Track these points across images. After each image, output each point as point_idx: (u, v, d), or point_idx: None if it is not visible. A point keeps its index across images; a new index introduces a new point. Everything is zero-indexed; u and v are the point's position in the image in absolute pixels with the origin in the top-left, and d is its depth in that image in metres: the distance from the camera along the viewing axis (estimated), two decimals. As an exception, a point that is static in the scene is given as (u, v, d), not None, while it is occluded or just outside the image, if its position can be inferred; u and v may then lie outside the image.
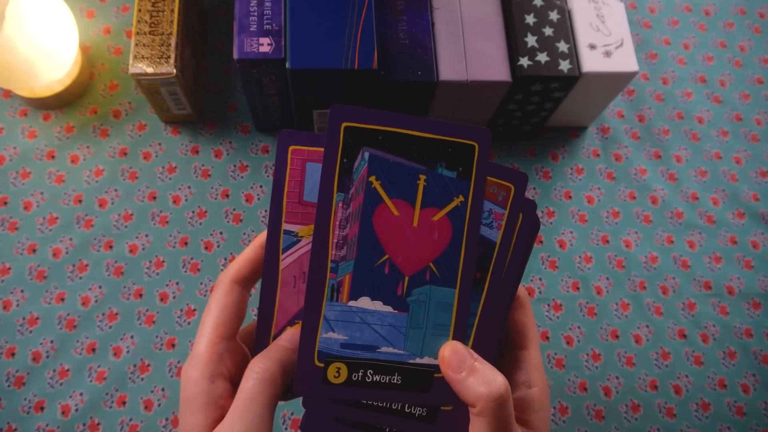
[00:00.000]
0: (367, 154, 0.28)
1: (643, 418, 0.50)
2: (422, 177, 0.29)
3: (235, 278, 0.29)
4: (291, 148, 0.29)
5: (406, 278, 0.29)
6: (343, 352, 0.28)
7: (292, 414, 0.47)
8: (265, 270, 0.29)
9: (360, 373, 0.28)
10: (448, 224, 0.29)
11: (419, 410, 0.30)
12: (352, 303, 0.29)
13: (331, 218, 0.29)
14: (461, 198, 0.29)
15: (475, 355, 0.28)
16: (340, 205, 0.29)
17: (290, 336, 0.29)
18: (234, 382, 0.28)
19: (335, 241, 0.29)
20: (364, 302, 0.29)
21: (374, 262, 0.29)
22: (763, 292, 0.54)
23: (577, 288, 0.53)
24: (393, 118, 0.28)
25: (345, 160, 0.28)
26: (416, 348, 0.29)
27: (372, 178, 0.29)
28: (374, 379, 0.28)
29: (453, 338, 0.29)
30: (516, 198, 0.30)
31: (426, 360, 0.29)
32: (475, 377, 0.27)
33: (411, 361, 0.29)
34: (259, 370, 0.27)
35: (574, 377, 0.50)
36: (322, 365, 0.28)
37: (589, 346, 0.51)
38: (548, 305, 0.52)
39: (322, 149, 0.28)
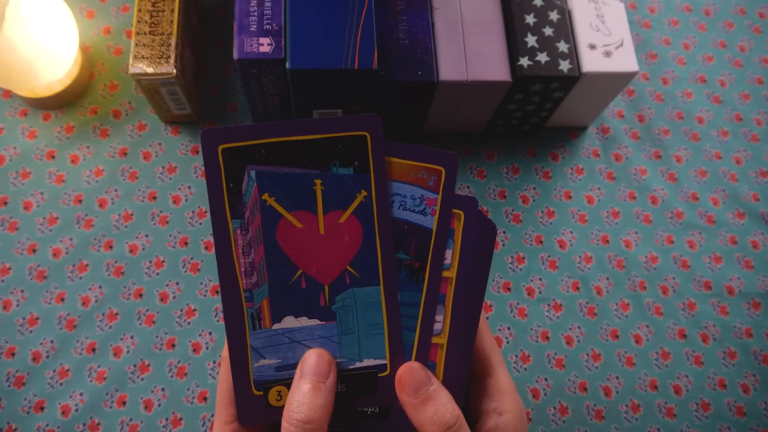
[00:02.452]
0: (253, 173, 0.27)
1: (643, 418, 0.50)
2: (317, 182, 0.27)
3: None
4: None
5: (326, 287, 0.28)
6: (279, 375, 0.28)
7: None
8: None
9: None
10: (356, 223, 0.28)
11: (371, 408, 0.29)
12: (276, 326, 0.28)
13: (232, 248, 0.27)
14: (364, 193, 0.27)
15: (433, 380, 0.27)
16: (238, 232, 0.27)
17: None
18: None
19: (242, 270, 0.27)
20: (289, 321, 0.28)
21: (289, 280, 0.28)
22: (763, 292, 0.54)
23: (577, 288, 0.53)
24: (270, 128, 0.27)
25: (231, 185, 0.27)
26: (353, 353, 0.28)
27: (265, 196, 0.27)
28: None
29: (416, 355, 0.28)
30: (448, 180, 0.28)
31: (367, 362, 0.28)
32: (427, 406, 0.26)
33: (351, 367, 0.28)
34: None
35: (574, 377, 0.50)
36: (262, 393, 0.27)
37: (589, 346, 0.51)
38: (548, 305, 0.52)
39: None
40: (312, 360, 0.27)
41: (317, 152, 0.27)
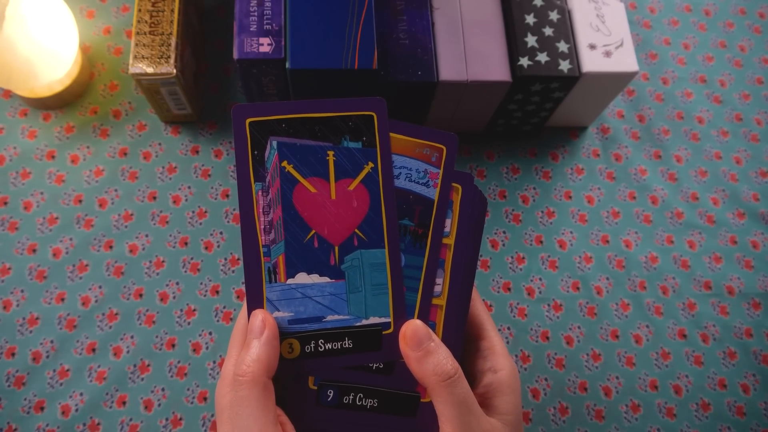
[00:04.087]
0: (275, 143, 0.30)
1: (643, 418, 0.50)
2: (330, 153, 0.31)
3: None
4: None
5: (336, 248, 0.30)
6: (291, 328, 0.30)
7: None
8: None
9: (312, 345, 0.30)
10: (364, 191, 0.31)
11: (376, 365, 0.31)
12: (290, 281, 0.30)
13: (254, 207, 0.30)
14: (371, 165, 0.31)
15: (434, 337, 0.29)
16: (260, 193, 0.30)
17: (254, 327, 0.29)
18: None
19: (262, 227, 0.30)
20: (302, 278, 0.30)
21: (302, 239, 0.30)
22: (763, 292, 0.54)
23: (577, 288, 0.53)
24: (291, 106, 0.31)
25: (256, 153, 0.30)
26: (360, 310, 0.30)
27: (284, 163, 0.30)
28: (327, 347, 0.30)
29: (418, 314, 0.30)
30: (449, 157, 0.32)
31: (372, 320, 0.30)
32: (428, 358, 0.28)
33: (358, 324, 0.30)
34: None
35: (574, 377, 0.50)
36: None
37: (589, 346, 0.51)
38: (548, 305, 0.52)
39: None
40: (250, 320, 0.29)
41: (330, 128, 0.31)
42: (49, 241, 0.49)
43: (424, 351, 0.29)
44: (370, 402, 0.31)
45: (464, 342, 0.32)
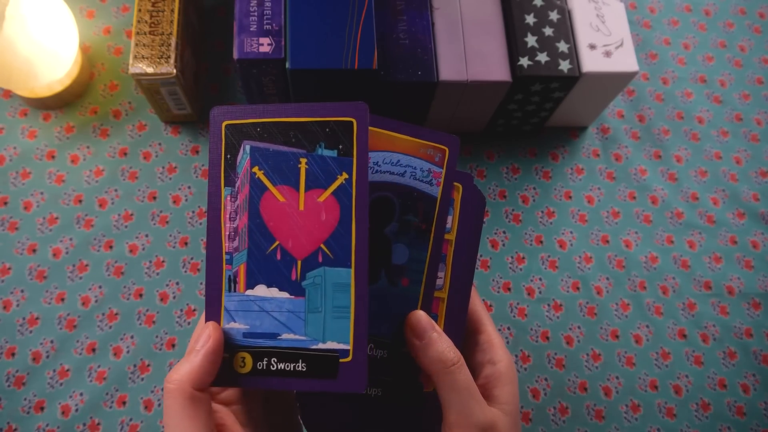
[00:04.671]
0: (248, 147, 0.29)
1: (643, 418, 0.50)
2: (303, 160, 0.29)
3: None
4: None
5: (299, 262, 0.29)
6: (245, 342, 0.29)
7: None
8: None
9: (264, 362, 0.29)
10: (335, 203, 0.29)
11: (375, 392, 0.30)
12: (249, 292, 0.29)
13: (221, 212, 0.29)
14: (345, 175, 0.29)
15: (437, 327, 0.30)
16: (228, 198, 0.29)
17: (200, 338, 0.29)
18: None
19: (227, 233, 0.29)
20: (261, 290, 0.29)
21: (266, 250, 0.29)
22: (763, 292, 0.54)
23: (577, 288, 0.53)
24: (267, 110, 0.29)
25: (228, 156, 0.29)
26: (318, 333, 0.29)
27: (255, 169, 0.29)
28: (279, 367, 0.28)
29: (421, 306, 0.30)
30: (451, 157, 0.31)
31: (330, 344, 0.28)
32: (432, 347, 0.29)
33: (314, 347, 0.28)
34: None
35: (574, 377, 0.50)
36: (227, 355, 0.29)
37: (589, 346, 0.51)
38: (548, 305, 0.52)
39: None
40: (200, 329, 0.29)
41: (306, 133, 0.29)
42: (49, 241, 0.49)
43: (428, 340, 0.29)
44: (375, 391, 0.31)
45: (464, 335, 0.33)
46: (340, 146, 0.29)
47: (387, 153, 0.31)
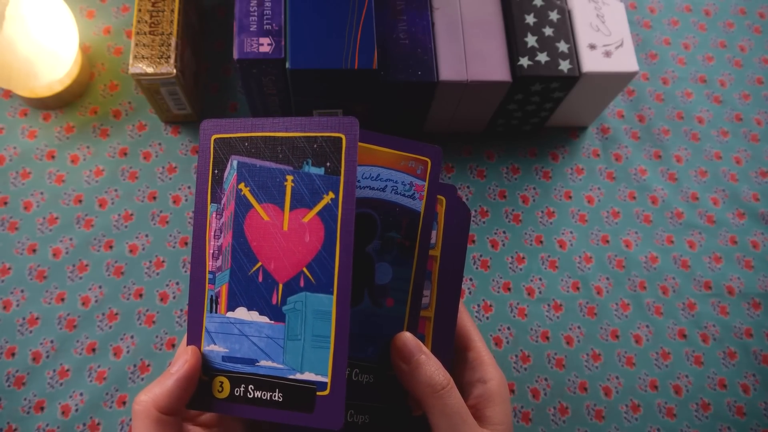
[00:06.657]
0: (235, 162, 0.28)
1: (643, 418, 0.50)
2: (289, 178, 0.28)
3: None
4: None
5: (280, 286, 0.27)
6: (224, 366, 0.28)
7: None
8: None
9: (242, 389, 0.27)
10: (319, 224, 0.27)
11: (362, 419, 0.29)
12: (230, 314, 0.28)
13: (206, 230, 0.28)
14: (331, 195, 0.27)
15: (424, 349, 0.29)
16: (214, 215, 0.28)
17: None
18: None
19: (211, 252, 0.28)
20: (241, 313, 0.28)
21: (248, 270, 0.28)
22: (763, 292, 0.54)
23: (577, 288, 0.53)
24: (255, 123, 0.28)
25: (216, 171, 0.28)
26: (296, 362, 0.27)
27: (241, 185, 0.28)
28: (255, 395, 0.27)
29: (407, 327, 0.29)
30: (434, 169, 0.30)
31: (307, 375, 0.27)
32: (420, 370, 0.28)
33: (291, 377, 0.27)
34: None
35: (574, 377, 0.50)
36: (206, 378, 0.28)
37: (589, 346, 0.51)
38: (548, 305, 0.52)
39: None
40: (179, 351, 0.28)
41: (293, 149, 0.28)
42: (49, 241, 0.49)
43: (415, 363, 0.28)
44: (362, 418, 0.29)
45: (453, 355, 0.32)
46: (328, 164, 0.27)
47: (367, 167, 0.29)
